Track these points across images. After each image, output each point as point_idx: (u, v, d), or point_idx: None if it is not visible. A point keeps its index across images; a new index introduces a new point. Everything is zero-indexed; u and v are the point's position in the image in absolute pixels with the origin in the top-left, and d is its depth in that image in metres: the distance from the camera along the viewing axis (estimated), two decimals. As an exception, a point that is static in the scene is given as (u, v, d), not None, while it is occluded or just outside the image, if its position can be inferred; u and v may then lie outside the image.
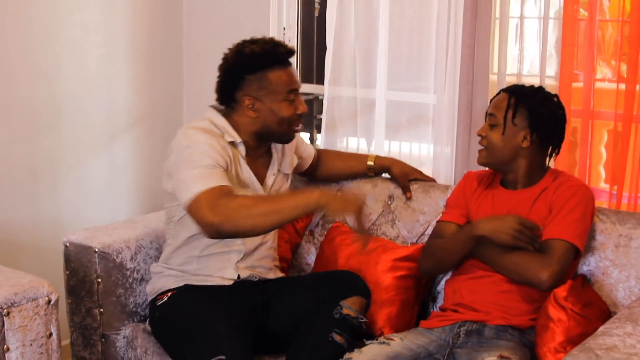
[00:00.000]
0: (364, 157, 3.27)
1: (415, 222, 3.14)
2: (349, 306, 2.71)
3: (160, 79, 4.11)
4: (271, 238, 2.96)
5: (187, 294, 2.77)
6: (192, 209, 2.52)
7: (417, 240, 3.13)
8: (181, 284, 2.80)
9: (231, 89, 2.77)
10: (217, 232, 2.49)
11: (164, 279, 2.84)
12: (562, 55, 3.20)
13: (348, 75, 3.67)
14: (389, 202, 3.20)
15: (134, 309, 3.00)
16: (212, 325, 2.59)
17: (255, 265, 2.88)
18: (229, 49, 2.81)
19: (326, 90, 3.72)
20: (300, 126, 2.82)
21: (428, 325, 2.73)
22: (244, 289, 2.81)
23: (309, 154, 3.19)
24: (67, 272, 2.99)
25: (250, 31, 3.97)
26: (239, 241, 2.80)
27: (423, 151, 3.72)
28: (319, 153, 3.28)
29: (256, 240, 2.86)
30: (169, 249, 2.88)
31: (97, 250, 2.92)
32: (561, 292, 2.54)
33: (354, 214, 2.48)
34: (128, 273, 2.97)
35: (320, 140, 3.82)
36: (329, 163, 3.27)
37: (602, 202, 3.25)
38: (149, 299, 2.90)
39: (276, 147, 2.92)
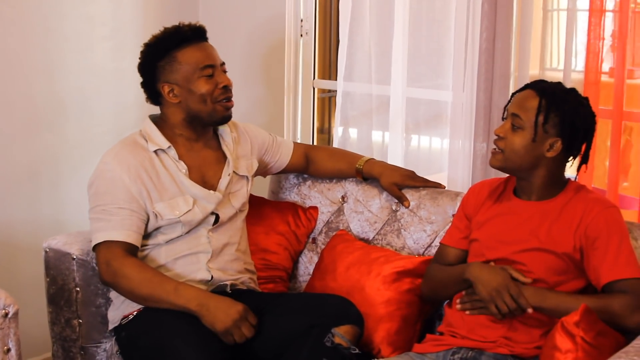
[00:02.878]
0: (355, 159, 3.04)
1: (422, 232, 2.88)
2: (341, 335, 2.47)
3: (174, 74, 3.91)
4: (237, 240, 2.76)
5: (155, 313, 2.55)
6: (95, 256, 2.61)
7: (424, 252, 2.87)
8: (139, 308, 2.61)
9: (151, 84, 2.69)
10: (105, 285, 2.63)
11: (128, 302, 2.63)
12: (587, 50, 2.90)
13: (363, 71, 3.43)
14: (395, 210, 2.95)
15: (116, 321, 2.80)
16: (181, 351, 2.39)
17: (226, 267, 2.70)
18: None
19: (339, 86, 3.48)
20: (226, 98, 2.67)
21: (421, 349, 2.47)
22: None
23: (282, 159, 3.02)
24: (47, 280, 2.82)
25: (266, 23, 3.82)
26: (203, 240, 2.67)
27: (442, 151, 3.44)
28: (310, 151, 3.09)
29: (221, 239, 2.70)
30: None
31: (75, 257, 2.74)
32: (572, 317, 2.20)
33: (221, 332, 2.46)
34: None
35: (335, 136, 3.58)
36: (320, 163, 3.08)
37: (632, 213, 2.94)
38: (111, 326, 2.70)
39: (227, 146, 2.78)
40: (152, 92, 2.71)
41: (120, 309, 2.65)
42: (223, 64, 2.71)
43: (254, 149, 2.89)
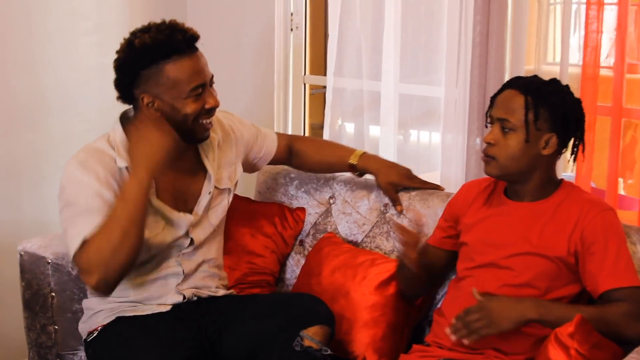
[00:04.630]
0: (347, 154, 2.83)
1: (412, 234, 2.76)
2: (310, 337, 2.35)
3: (161, 69, 3.80)
4: (213, 256, 2.60)
5: (118, 328, 2.43)
6: (77, 266, 2.33)
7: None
8: (113, 317, 2.46)
9: (127, 87, 2.39)
10: (104, 290, 2.30)
11: (95, 316, 2.50)
12: (585, 45, 2.78)
13: (353, 66, 3.32)
14: (385, 211, 2.83)
15: (93, 327, 2.69)
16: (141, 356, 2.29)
17: (199, 285, 2.55)
18: (123, 40, 2.41)
19: (329, 82, 3.37)
20: (209, 120, 2.41)
21: (407, 360, 2.36)
22: (182, 315, 2.47)
23: (268, 152, 2.82)
24: (23, 284, 2.72)
25: (256, 16, 3.71)
26: (172, 263, 2.48)
27: (436, 149, 3.32)
28: (295, 142, 2.88)
29: (196, 260, 2.54)
30: None
31: (50, 261, 2.64)
32: (567, 328, 2.07)
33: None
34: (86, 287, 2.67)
35: (325, 134, 3.46)
36: (306, 156, 2.88)
37: (633, 214, 2.82)
38: (83, 337, 2.57)
39: (207, 158, 2.53)
40: (127, 94, 2.42)
41: (88, 322, 2.53)
42: (212, 78, 2.42)
43: (239, 151, 2.68)
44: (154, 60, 2.31)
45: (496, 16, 2.87)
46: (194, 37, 2.36)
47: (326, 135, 3.45)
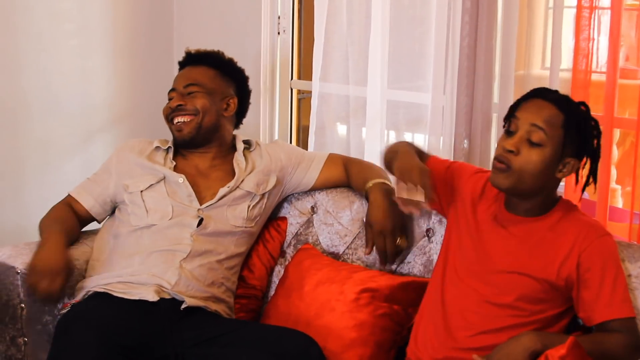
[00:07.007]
0: (368, 178, 2.71)
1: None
2: None
3: (147, 73, 3.74)
4: (224, 253, 2.62)
5: (88, 302, 2.47)
6: None
7: (396, 269, 2.66)
8: (100, 289, 2.50)
9: None
10: None
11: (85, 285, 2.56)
12: (576, 51, 2.69)
13: (340, 72, 3.23)
14: (367, 222, 2.74)
15: (64, 339, 2.61)
16: (76, 332, 2.29)
17: (200, 272, 2.54)
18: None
19: (315, 87, 3.28)
20: (177, 121, 2.70)
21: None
22: (160, 311, 2.44)
23: (310, 176, 2.82)
24: (-9, 294, 2.64)
25: (242, 19, 3.63)
26: (186, 241, 2.56)
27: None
28: (346, 164, 2.84)
29: (205, 245, 2.58)
30: (104, 255, 2.65)
31: (19, 271, 2.56)
32: (559, 350, 1.97)
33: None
34: (57, 298, 2.59)
35: (311, 142, 3.36)
36: (349, 177, 2.83)
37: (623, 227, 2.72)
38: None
39: (237, 161, 2.73)
40: None
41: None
42: (188, 85, 2.72)
43: (274, 165, 2.75)
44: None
45: (485, 21, 2.78)
46: (196, 54, 2.84)
47: (312, 141, 3.35)
